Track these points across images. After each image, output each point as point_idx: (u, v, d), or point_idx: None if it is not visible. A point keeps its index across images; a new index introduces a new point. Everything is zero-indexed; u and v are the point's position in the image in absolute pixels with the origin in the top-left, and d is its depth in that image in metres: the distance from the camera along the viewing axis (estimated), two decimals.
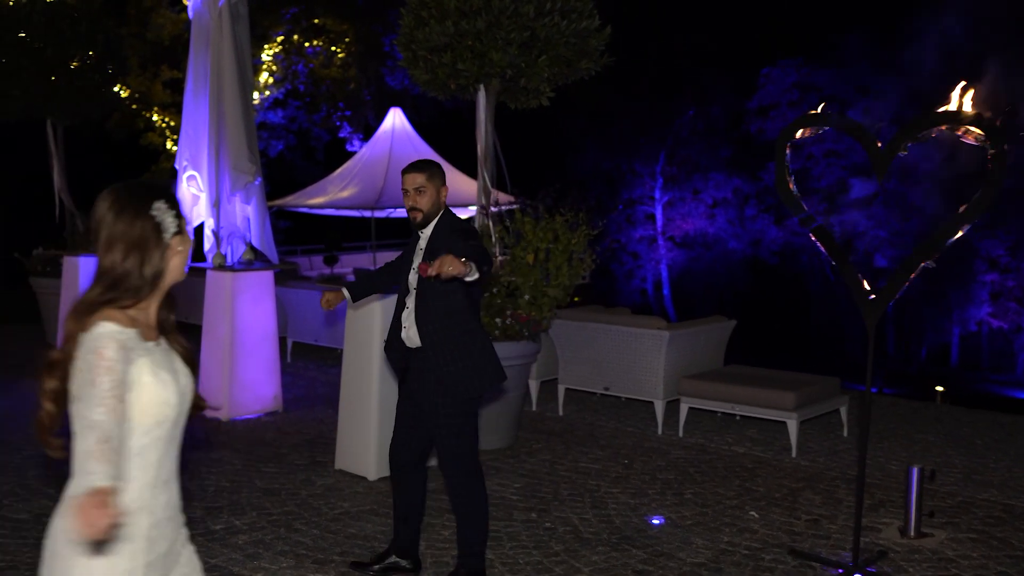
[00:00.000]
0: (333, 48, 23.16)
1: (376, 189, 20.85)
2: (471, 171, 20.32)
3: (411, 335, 4.60)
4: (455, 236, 4.46)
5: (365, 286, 5.03)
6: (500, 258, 7.25)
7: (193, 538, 2.49)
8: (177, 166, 8.86)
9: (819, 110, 5.02)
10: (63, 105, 10.11)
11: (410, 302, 4.61)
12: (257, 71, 22.97)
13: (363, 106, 24.14)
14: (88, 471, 2.15)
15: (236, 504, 5.97)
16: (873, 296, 4.99)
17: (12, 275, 14.64)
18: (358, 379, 6.54)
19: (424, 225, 4.60)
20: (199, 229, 9.08)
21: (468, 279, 4.07)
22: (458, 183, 19.92)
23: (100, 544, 2.24)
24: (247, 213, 8.77)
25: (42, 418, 2.31)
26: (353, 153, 23.56)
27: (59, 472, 6.82)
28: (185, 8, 9.67)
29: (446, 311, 4.51)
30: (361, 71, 23.33)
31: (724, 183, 29.11)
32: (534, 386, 8.46)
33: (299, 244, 24.17)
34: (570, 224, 7.22)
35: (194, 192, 8.79)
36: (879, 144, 4.89)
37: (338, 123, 24.82)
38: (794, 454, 7.15)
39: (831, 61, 26.23)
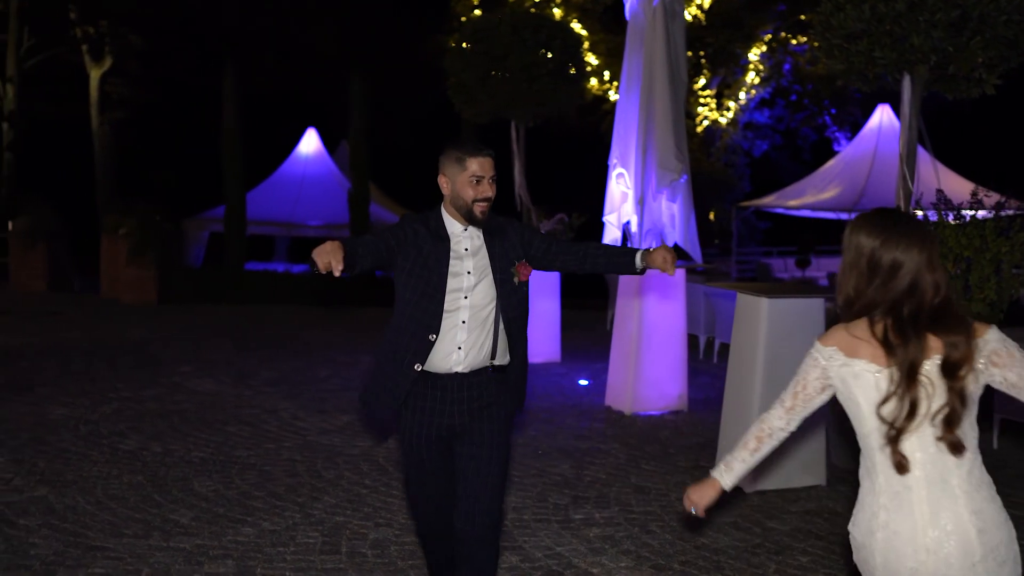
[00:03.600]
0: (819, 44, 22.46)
1: (857, 190, 19.85)
2: (960, 168, 18.56)
3: (474, 356, 3.72)
4: (532, 230, 3.86)
5: (359, 258, 3.54)
6: None
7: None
8: (608, 163, 9.14)
9: None
10: (524, 107, 10.89)
11: (463, 316, 3.69)
12: (744, 71, 22.97)
13: (849, 103, 23.08)
14: None
15: (603, 497, 6.02)
16: None
17: None
18: (739, 384, 6.27)
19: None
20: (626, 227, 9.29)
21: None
22: (951, 183, 18.30)
23: None
24: (672, 211, 8.79)
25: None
26: (839, 152, 22.68)
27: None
28: None
29: (524, 317, 3.86)
30: None
31: None
32: None
33: (776, 245, 23.76)
34: (1002, 230, 6.25)
35: (623, 190, 8.99)
36: None
37: (825, 121, 24.00)
38: None
39: None
